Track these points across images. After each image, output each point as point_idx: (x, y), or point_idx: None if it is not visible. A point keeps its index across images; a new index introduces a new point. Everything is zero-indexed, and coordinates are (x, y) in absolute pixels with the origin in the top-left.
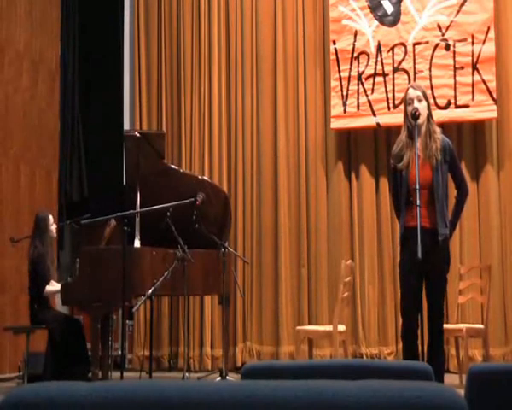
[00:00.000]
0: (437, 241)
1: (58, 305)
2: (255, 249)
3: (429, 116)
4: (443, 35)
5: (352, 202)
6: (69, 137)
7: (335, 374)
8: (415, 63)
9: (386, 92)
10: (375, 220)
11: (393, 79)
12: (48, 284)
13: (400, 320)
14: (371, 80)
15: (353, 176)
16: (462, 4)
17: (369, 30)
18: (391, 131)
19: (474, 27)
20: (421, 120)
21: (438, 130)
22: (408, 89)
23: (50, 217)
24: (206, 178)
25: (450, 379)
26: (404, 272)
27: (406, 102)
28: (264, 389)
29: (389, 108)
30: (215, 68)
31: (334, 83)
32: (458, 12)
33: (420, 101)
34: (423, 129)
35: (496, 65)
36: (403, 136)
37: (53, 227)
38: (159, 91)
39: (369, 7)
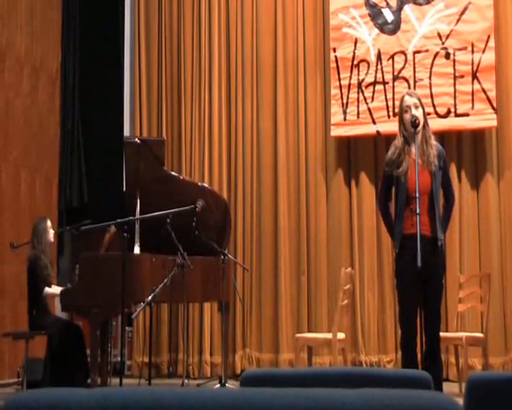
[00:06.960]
0: (436, 247)
1: (58, 310)
2: (255, 257)
3: (425, 123)
4: (443, 43)
5: (352, 209)
6: (69, 143)
7: (335, 382)
8: (415, 71)
9: (386, 100)
10: (375, 228)
11: (393, 87)
12: (48, 285)
13: (399, 328)
14: (371, 88)
15: (353, 184)
16: (463, 13)
17: (369, 38)
18: (391, 139)
19: (474, 36)
20: (419, 127)
21: (433, 136)
22: (403, 96)
23: (48, 222)
24: (206, 185)
25: (450, 388)
26: (403, 281)
27: (402, 109)
28: (263, 397)
29: (389, 117)
30: (215, 75)
31: (334, 91)
32: (458, 21)
33: (417, 108)
34: (419, 136)
35: (496, 74)
36: (398, 142)
37: (51, 232)
38: (159, 98)
39: (370, 15)
